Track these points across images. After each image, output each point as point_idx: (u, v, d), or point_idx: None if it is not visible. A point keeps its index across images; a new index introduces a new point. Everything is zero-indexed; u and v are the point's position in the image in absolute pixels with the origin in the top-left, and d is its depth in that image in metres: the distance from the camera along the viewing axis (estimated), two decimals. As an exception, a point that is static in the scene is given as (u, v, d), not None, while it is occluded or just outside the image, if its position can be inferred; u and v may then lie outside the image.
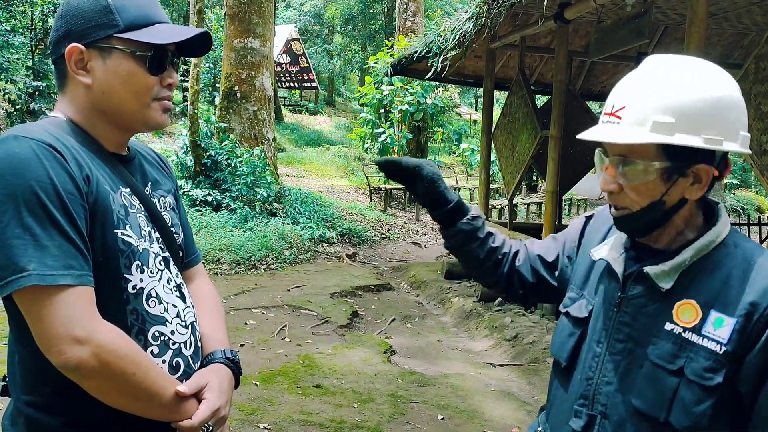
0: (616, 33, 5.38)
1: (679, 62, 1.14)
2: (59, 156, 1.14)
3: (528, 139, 7.03)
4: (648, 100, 1.11)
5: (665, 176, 1.13)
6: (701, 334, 1.12)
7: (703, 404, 1.10)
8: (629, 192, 1.16)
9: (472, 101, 34.37)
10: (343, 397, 4.24)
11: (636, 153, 1.13)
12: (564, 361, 1.31)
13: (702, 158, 1.12)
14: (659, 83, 1.12)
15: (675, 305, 1.16)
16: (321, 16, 33.02)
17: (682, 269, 1.17)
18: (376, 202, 14.68)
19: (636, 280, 1.21)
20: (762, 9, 6.21)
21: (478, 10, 5.77)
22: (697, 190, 1.15)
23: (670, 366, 1.13)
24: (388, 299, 7.30)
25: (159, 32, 1.27)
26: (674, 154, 1.12)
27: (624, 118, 1.13)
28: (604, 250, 1.30)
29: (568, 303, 1.36)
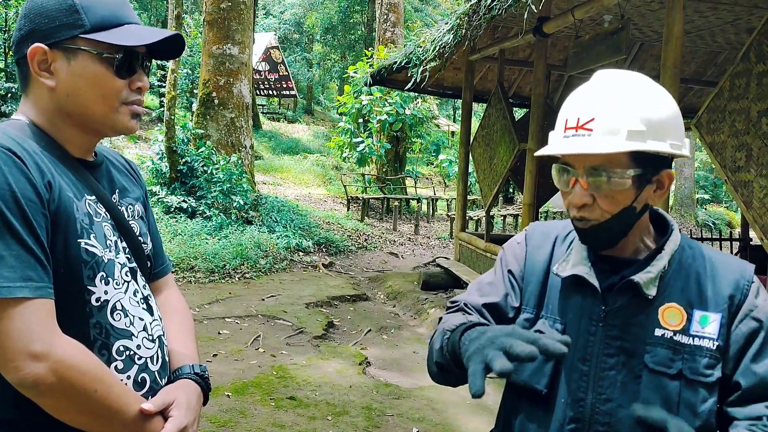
0: (594, 48, 5.43)
1: (632, 76, 1.19)
2: (19, 161, 1.09)
3: (506, 152, 7.06)
4: (619, 111, 1.14)
5: (636, 183, 1.17)
6: (690, 335, 1.17)
7: (708, 401, 1.14)
8: (601, 202, 1.18)
9: (451, 113, 34.58)
10: (317, 410, 4.18)
11: (612, 162, 1.15)
12: (544, 387, 1.23)
13: (666, 164, 1.19)
14: (624, 95, 1.15)
15: (659, 310, 1.19)
16: (301, 24, 33.02)
17: (661, 274, 1.21)
18: (354, 212, 14.64)
19: (620, 291, 1.21)
20: (735, 28, 6.33)
21: (459, 21, 5.80)
22: (659, 196, 1.21)
23: (669, 371, 1.16)
24: (364, 310, 7.26)
25: (128, 33, 1.22)
26: (644, 162, 1.16)
27: (596, 130, 1.14)
28: (567, 265, 1.27)
29: (526, 325, 1.28)
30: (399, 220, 14.36)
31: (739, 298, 1.18)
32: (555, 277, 1.29)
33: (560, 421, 1.22)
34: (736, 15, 5.83)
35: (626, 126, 1.13)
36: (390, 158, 16.43)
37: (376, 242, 11.85)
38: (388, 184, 16.46)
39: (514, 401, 1.31)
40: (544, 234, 1.37)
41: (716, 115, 4.14)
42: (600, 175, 1.16)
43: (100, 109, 1.22)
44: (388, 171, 16.66)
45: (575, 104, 1.19)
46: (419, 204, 15.37)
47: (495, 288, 1.36)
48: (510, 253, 1.39)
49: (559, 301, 1.27)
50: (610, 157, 1.15)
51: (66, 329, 1.11)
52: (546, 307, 1.29)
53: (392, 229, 13.70)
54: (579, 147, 1.15)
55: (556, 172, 1.22)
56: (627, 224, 1.21)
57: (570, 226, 1.33)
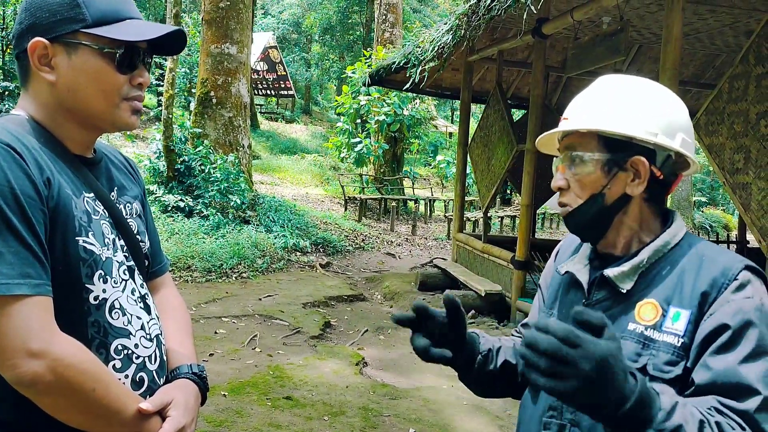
0: (592, 49, 5.44)
1: (624, 77, 1.28)
2: (18, 157, 1.08)
3: (504, 153, 7.06)
4: (591, 99, 1.25)
5: (605, 169, 1.22)
6: (662, 331, 1.16)
7: None
8: (574, 187, 1.25)
9: (449, 114, 34.60)
10: (313, 410, 4.17)
11: (580, 146, 1.24)
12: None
13: (640, 152, 1.21)
14: (603, 89, 1.26)
15: (636, 306, 1.20)
16: (299, 24, 33.00)
17: (641, 270, 1.22)
18: (351, 212, 14.63)
19: (599, 286, 1.25)
20: (734, 31, 6.34)
21: (458, 22, 5.80)
22: (637, 186, 1.21)
23: (633, 365, 1.15)
24: (361, 310, 7.25)
25: (130, 28, 1.21)
26: (613, 147, 1.21)
27: (570, 117, 1.27)
28: (569, 264, 1.34)
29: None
30: (396, 220, 14.36)
31: (714, 295, 1.14)
32: (561, 276, 1.37)
33: (542, 408, 1.28)
34: (734, 18, 5.84)
35: (594, 110, 1.22)
36: (388, 159, 16.43)
37: (373, 243, 11.84)
38: (385, 184, 16.45)
39: (527, 391, 1.39)
40: (571, 242, 1.45)
41: (715, 118, 4.15)
42: (572, 158, 1.24)
43: (101, 104, 1.21)
44: (385, 171, 16.66)
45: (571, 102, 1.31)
46: (417, 205, 15.37)
47: (534, 308, 1.50)
48: (545, 270, 1.50)
49: (561, 298, 1.35)
50: (580, 140, 1.23)
51: (64, 328, 1.10)
52: (556, 305, 1.36)
53: (390, 229, 13.69)
54: (553, 129, 1.28)
55: (554, 163, 1.32)
56: (599, 212, 1.24)
57: None
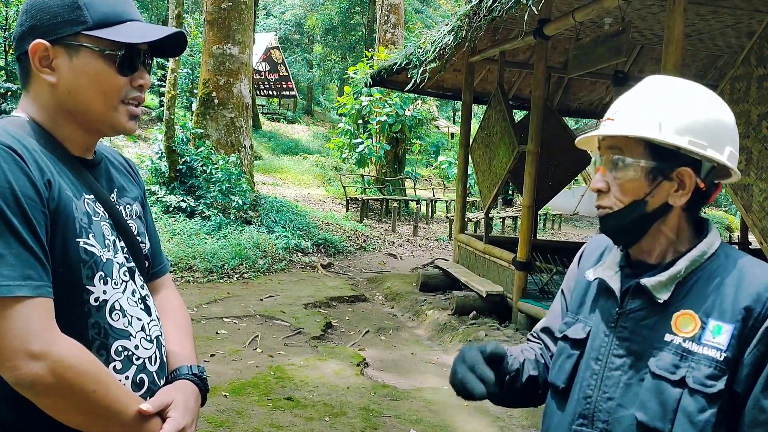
0: (594, 50, 5.43)
1: (676, 80, 1.23)
2: (19, 158, 1.08)
3: (505, 154, 7.05)
4: (641, 103, 1.21)
5: (650, 176, 1.19)
6: (701, 343, 1.14)
7: (707, 412, 1.11)
8: (615, 190, 1.22)
9: (450, 114, 34.59)
10: (314, 410, 4.18)
11: (626, 149, 1.20)
12: (562, 383, 1.30)
13: (687, 162, 1.18)
14: (653, 91, 1.22)
15: (673, 316, 1.18)
16: (301, 25, 33.03)
17: (677, 280, 1.19)
18: (353, 213, 14.63)
19: (633, 294, 1.23)
20: (736, 32, 6.34)
21: (459, 23, 5.80)
22: (680, 197, 1.19)
23: (671, 376, 1.14)
24: (362, 311, 7.25)
25: (130, 31, 1.21)
26: (661, 155, 1.18)
27: (617, 118, 1.21)
28: (599, 270, 1.31)
29: (564, 328, 1.36)
30: (398, 221, 14.35)
31: (759, 311, 1.11)
32: (592, 283, 1.35)
33: (572, 416, 1.26)
34: (736, 18, 5.83)
35: (644, 116, 1.18)
36: (389, 159, 16.42)
37: (374, 243, 11.84)
38: (387, 185, 16.45)
39: (550, 397, 1.37)
40: (597, 244, 1.43)
41: (716, 119, 4.13)
42: (614, 162, 1.21)
43: (100, 106, 1.22)
44: (387, 172, 16.65)
45: (618, 100, 1.26)
46: (418, 205, 15.36)
47: (552, 313, 1.48)
48: (568, 272, 1.49)
49: (591, 305, 1.33)
50: (626, 144, 1.20)
51: (64, 329, 1.10)
52: (583, 311, 1.34)
53: (391, 230, 13.69)
54: (598, 131, 1.24)
55: (592, 163, 1.31)
56: (639, 219, 1.21)
57: None
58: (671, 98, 1.19)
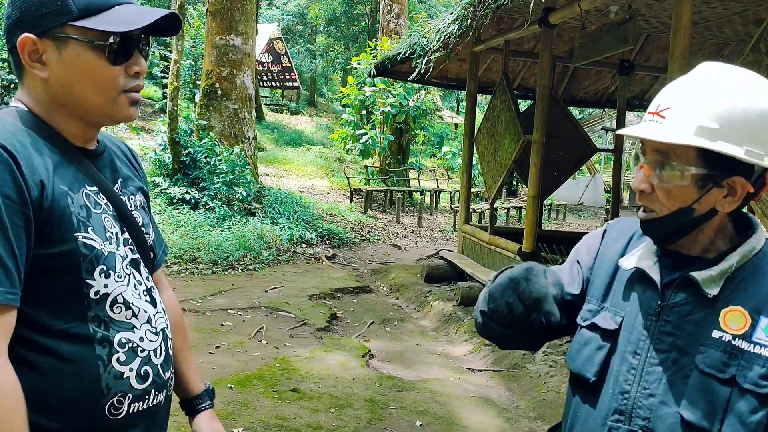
0: (600, 39, 5.38)
1: (732, 71, 1.13)
2: (7, 156, 1.04)
3: (510, 144, 7.01)
4: (695, 103, 1.10)
5: (700, 183, 1.12)
6: (752, 341, 1.10)
7: (760, 413, 1.07)
8: (660, 194, 1.15)
9: (454, 105, 34.48)
10: (320, 402, 4.17)
11: (675, 154, 1.12)
12: (593, 375, 1.24)
13: (740, 171, 1.11)
14: (708, 88, 1.11)
15: (721, 312, 1.13)
16: (304, 15, 32.89)
17: (727, 275, 1.15)
18: (357, 204, 14.61)
19: (679, 288, 1.18)
20: (743, 19, 6.27)
21: (464, 12, 5.74)
22: (729, 203, 1.14)
23: (721, 375, 1.10)
24: (367, 302, 7.24)
25: (118, 17, 1.15)
26: (713, 163, 1.10)
27: (668, 118, 1.12)
28: (634, 259, 1.26)
29: (588, 316, 1.29)
30: (402, 212, 14.33)
31: None
32: (623, 271, 1.28)
33: (605, 410, 1.21)
34: (744, 6, 5.77)
35: (698, 119, 1.08)
36: (393, 150, 16.38)
37: (379, 234, 11.82)
38: (391, 176, 16.42)
39: (572, 390, 1.32)
40: (623, 229, 1.35)
41: (724, 107, 4.09)
42: (661, 165, 1.13)
43: (97, 99, 1.17)
44: (391, 163, 16.62)
45: (665, 91, 1.17)
46: (422, 196, 15.33)
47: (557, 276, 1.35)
48: (585, 244, 1.40)
49: (622, 294, 1.26)
50: (675, 149, 1.12)
51: (65, 324, 1.09)
52: (611, 299, 1.28)
53: (395, 221, 13.67)
54: (647, 132, 1.13)
55: (633, 157, 1.23)
56: (684, 225, 1.16)
57: None
58: (727, 97, 1.09)
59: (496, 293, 1.21)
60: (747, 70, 1.14)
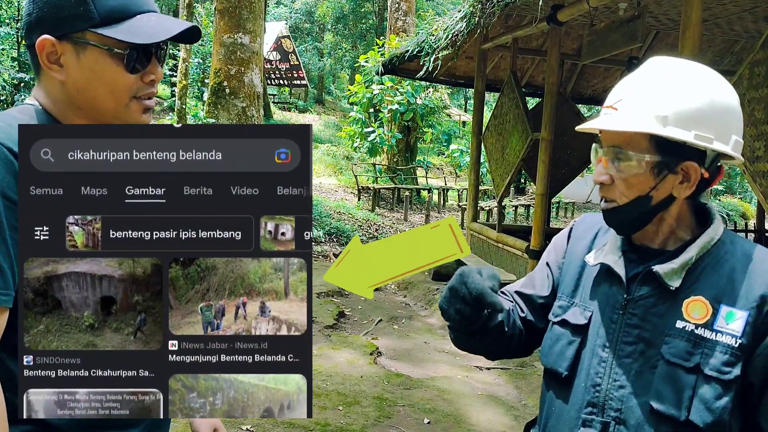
0: (608, 36, 5.36)
1: (679, 63, 1.19)
2: (11, 157, 1.04)
3: (518, 141, 6.99)
4: (645, 93, 1.16)
5: (655, 171, 1.16)
6: (713, 329, 1.14)
7: (724, 398, 1.11)
8: (619, 184, 1.19)
9: (462, 103, 34.41)
10: (328, 399, 4.18)
11: (630, 145, 1.17)
12: (565, 370, 1.27)
13: (692, 156, 1.16)
14: (657, 79, 1.17)
15: (684, 303, 1.17)
16: (312, 14, 32.91)
17: (688, 267, 1.18)
18: (365, 202, 14.62)
19: (642, 281, 1.21)
20: (753, 16, 6.22)
21: (472, 9, 5.73)
22: (685, 189, 1.18)
23: (686, 363, 1.14)
24: (374, 300, 7.25)
25: (140, 28, 1.15)
26: (665, 149, 1.15)
27: (620, 110, 1.17)
28: (601, 254, 1.29)
29: (559, 312, 1.33)
30: (410, 210, 14.33)
31: None
32: (589, 267, 1.32)
33: (579, 404, 1.24)
34: (754, 2, 5.72)
35: (648, 108, 1.14)
36: (401, 148, 16.38)
37: (386, 232, 11.83)
38: (398, 174, 16.41)
39: (546, 385, 1.35)
40: (589, 225, 1.40)
41: (734, 105, 4.07)
42: (617, 155, 1.17)
43: (110, 104, 1.18)
44: (399, 161, 16.61)
45: (617, 86, 1.22)
46: (430, 194, 15.32)
47: (531, 280, 1.44)
48: (553, 245, 1.45)
49: (590, 289, 1.30)
50: (629, 138, 1.16)
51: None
52: (579, 295, 1.32)
53: (403, 219, 13.67)
54: (600, 123, 1.19)
55: (593, 149, 1.25)
56: (644, 212, 1.20)
57: None
58: (675, 86, 1.15)
59: (445, 305, 1.22)
60: (694, 62, 1.19)
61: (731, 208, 21.87)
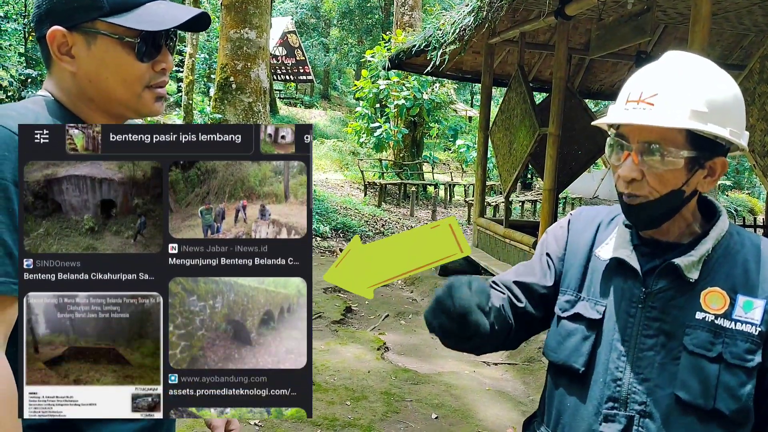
0: (617, 30, 5.33)
1: (699, 59, 1.19)
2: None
3: (526, 136, 6.97)
4: (681, 89, 1.14)
5: (689, 166, 1.16)
6: (732, 319, 1.16)
7: (747, 385, 1.14)
8: (651, 180, 1.17)
9: (468, 98, 34.33)
10: (335, 394, 4.19)
11: (666, 140, 1.15)
12: (581, 366, 1.26)
13: (722, 151, 1.18)
14: (689, 74, 1.16)
15: (701, 294, 1.19)
16: (318, 9, 32.87)
17: (704, 259, 1.20)
18: (371, 197, 14.62)
19: (660, 274, 1.21)
20: (763, 10, 6.17)
21: (479, 4, 5.71)
22: (709, 183, 1.20)
23: (708, 353, 1.15)
24: (381, 295, 7.25)
25: (149, 15, 1.16)
26: (700, 145, 1.15)
27: (657, 104, 1.14)
28: (609, 248, 1.29)
29: (567, 306, 1.32)
30: (416, 205, 14.32)
31: None
32: (597, 261, 1.31)
33: (597, 399, 1.23)
34: (764, -4, 5.68)
35: (689, 104, 1.13)
36: (407, 143, 16.36)
37: (393, 228, 11.83)
38: (405, 169, 16.40)
39: (554, 381, 1.34)
40: (588, 218, 1.39)
41: (745, 98, 4.04)
42: (653, 152, 1.15)
43: (122, 94, 1.18)
44: (405, 156, 16.59)
45: (640, 79, 1.19)
46: (436, 189, 15.30)
47: (530, 269, 1.41)
48: (551, 236, 1.43)
49: (601, 284, 1.29)
50: (666, 134, 1.14)
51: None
52: (587, 289, 1.31)
53: (409, 214, 13.66)
54: (639, 118, 1.15)
55: (609, 146, 1.23)
56: (673, 207, 1.20)
57: (615, 211, 1.36)
58: (707, 81, 1.15)
59: (429, 317, 1.20)
60: (703, 58, 1.20)
61: (739, 204, 21.76)
